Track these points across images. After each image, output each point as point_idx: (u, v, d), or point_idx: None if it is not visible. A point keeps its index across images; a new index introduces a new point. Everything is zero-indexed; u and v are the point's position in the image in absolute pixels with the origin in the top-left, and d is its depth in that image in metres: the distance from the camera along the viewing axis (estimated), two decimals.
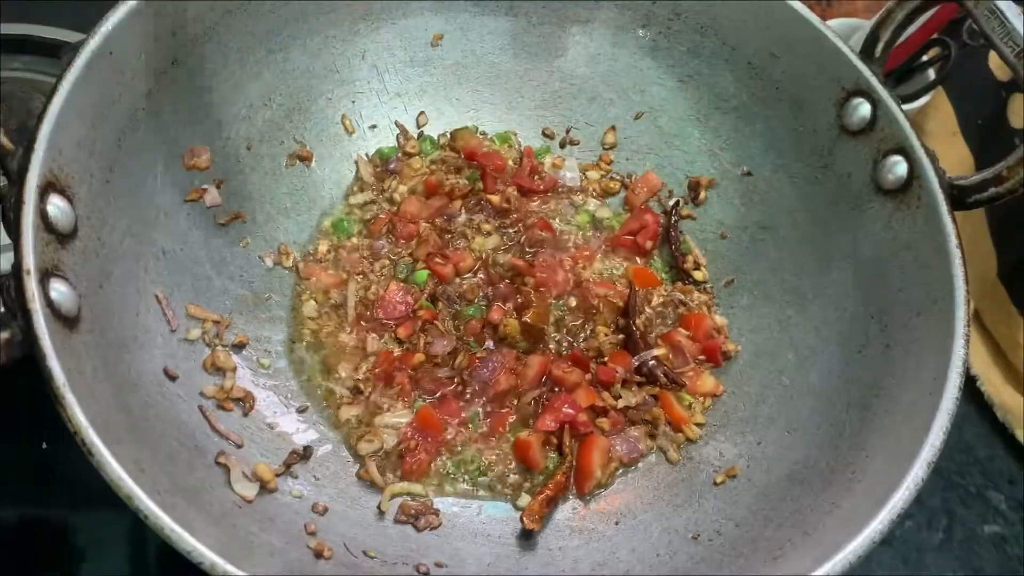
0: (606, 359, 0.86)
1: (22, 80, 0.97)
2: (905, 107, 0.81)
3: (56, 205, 0.63)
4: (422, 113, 0.99)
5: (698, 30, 0.93)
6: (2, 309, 0.59)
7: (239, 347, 0.81)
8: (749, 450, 0.81)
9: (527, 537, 0.77)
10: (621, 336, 0.88)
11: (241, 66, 0.86)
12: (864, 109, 0.82)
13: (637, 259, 0.95)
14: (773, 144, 0.92)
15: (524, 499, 0.79)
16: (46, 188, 0.62)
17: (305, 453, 0.77)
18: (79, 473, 0.55)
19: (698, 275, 0.94)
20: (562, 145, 1.02)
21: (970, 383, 0.97)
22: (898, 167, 0.79)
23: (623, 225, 0.96)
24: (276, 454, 0.76)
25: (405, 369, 0.83)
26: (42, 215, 0.61)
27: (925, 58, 1.04)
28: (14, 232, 0.59)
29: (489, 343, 0.86)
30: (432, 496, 0.79)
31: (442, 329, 0.85)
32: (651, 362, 0.85)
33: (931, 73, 1.07)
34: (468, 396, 0.84)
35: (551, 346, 0.87)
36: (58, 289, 0.61)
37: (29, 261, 0.59)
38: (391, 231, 0.92)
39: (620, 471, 0.83)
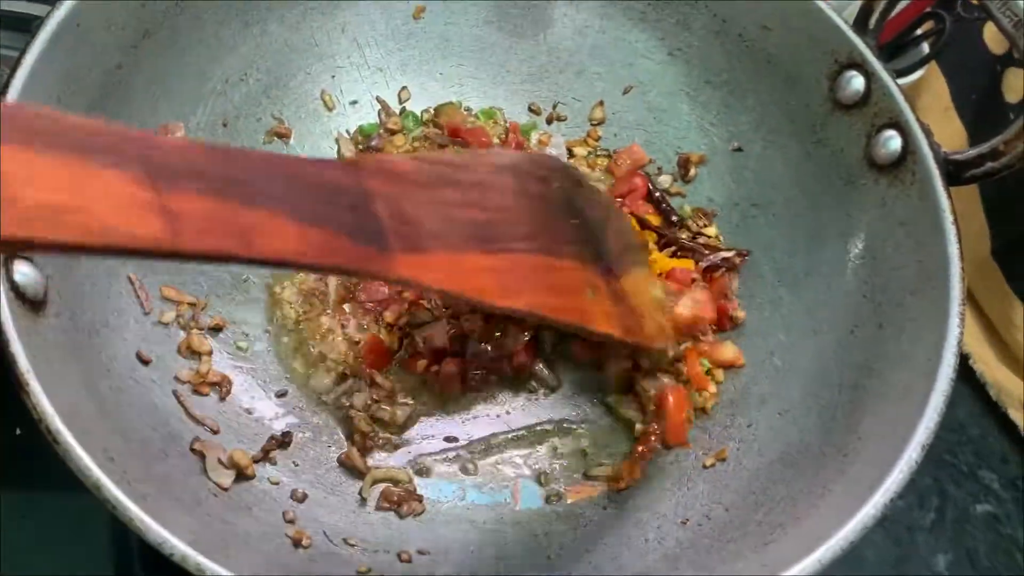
0: None
1: None
2: (898, 82, 0.80)
3: None
4: (404, 88, 0.97)
5: (688, 1, 0.91)
6: None
7: (216, 330, 0.79)
8: (739, 432, 0.80)
9: (512, 523, 0.76)
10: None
11: (217, 39, 0.83)
12: (857, 82, 0.80)
13: None
14: (765, 119, 0.90)
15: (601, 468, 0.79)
16: None
17: (284, 439, 0.75)
18: (56, 460, 0.54)
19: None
20: (549, 121, 0.99)
21: (963, 361, 0.96)
22: (892, 142, 0.78)
23: (612, 189, 0.94)
24: (254, 440, 0.74)
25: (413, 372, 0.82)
26: None
27: (919, 32, 1.02)
28: None
29: None
30: (416, 481, 0.78)
31: (428, 307, 0.83)
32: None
33: (925, 47, 1.06)
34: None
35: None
36: (22, 271, 0.59)
37: None
38: None
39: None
